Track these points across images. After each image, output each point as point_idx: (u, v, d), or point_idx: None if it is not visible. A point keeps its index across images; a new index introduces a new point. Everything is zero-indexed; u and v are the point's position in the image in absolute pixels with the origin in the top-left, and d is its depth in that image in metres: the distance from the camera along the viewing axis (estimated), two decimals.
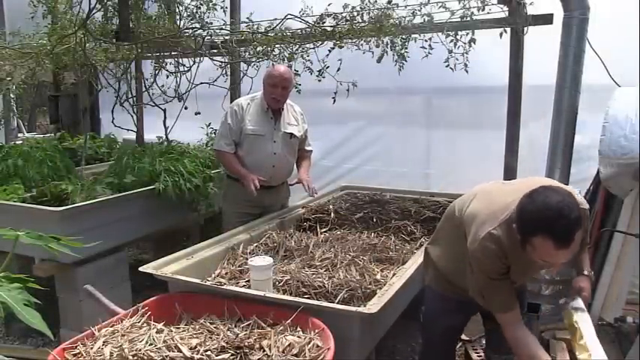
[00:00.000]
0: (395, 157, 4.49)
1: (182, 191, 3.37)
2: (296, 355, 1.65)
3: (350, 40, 3.30)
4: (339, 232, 2.97)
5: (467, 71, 3.04)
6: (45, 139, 4.62)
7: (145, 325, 1.85)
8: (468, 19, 2.99)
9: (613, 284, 3.10)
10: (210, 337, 1.77)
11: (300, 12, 3.34)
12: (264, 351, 1.67)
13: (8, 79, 4.39)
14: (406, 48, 3.24)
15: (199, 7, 3.73)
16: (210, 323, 1.88)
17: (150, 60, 4.37)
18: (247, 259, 2.39)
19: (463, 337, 2.75)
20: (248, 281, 2.21)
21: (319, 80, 3.43)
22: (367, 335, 1.99)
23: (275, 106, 3.12)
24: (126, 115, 4.33)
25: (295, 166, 3.37)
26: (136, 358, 1.62)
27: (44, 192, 3.13)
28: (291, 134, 3.19)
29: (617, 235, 3.07)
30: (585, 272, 2.14)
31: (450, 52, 3.02)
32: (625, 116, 2.76)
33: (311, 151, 3.44)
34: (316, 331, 1.76)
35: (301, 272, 2.32)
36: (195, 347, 1.68)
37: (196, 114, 4.11)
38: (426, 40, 3.11)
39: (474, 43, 2.99)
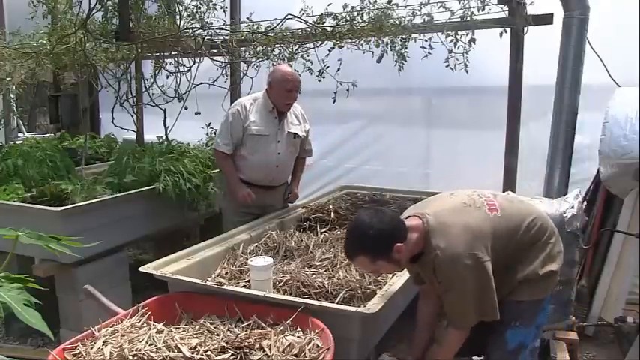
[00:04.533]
0: (395, 157, 4.49)
1: (182, 191, 3.37)
2: (296, 355, 1.65)
3: (350, 40, 3.30)
4: (339, 232, 2.97)
5: (467, 71, 3.04)
6: (45, 139, 4.62)
7: (145, 325, 1.85)
8: (468, 19, 2.99)
9: (613, 284, 3.10)
10: (210, 337, 1.77)
11: (300, 12, 3.34)
12: (264, 351, 1.67)
13: (8, 79, 4.40)
14: (406, 48, 3.24)
15: (199, 7, 3.72)
16: (210, 323, 1.88)
17: (150, 60, 4.37)
18: (247, 259, 2.39)
19: None
20: (248, 281, 2.21)
21: (319, 80, 3.43)
22: (367, 335, 1.99)
23: (286, 109, 3.12)
24: (126, 115, 4.33)
25: (294, 168, 3.36)
26: (136, 358, 1.62)
27: (44, 192, 3.13)
28: (295, 134, 3.19)
29: (617, 235, 3.07)
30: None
31: (450, 52, 3.02)
32: (625, 116, 2.77)
33: (310, 151, 3.42)
34: (316, 331, 1.76)
35: (301, 272, 2.32)
36: (195, 347, 1.68)
37: (196, 114, 4.10)
38: (426, 40, 3.11)
39: (474, 43, 2.99)
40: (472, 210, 1.87)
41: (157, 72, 4.17)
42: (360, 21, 3.25)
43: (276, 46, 3.52)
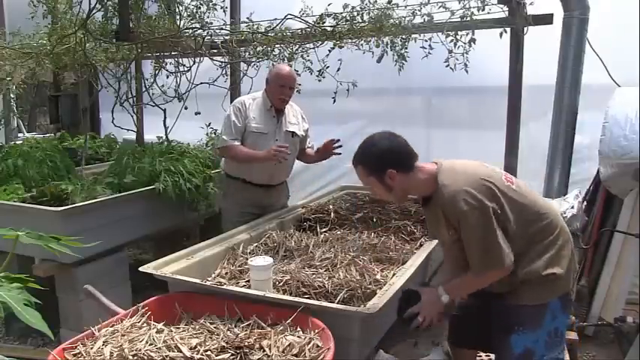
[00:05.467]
0: None
1: (182, 191, 3.37)
2: (296, 355, 1.65)
3: (350, 40, 3.30)
4: (339, 232, 2.97)
5: (467, 71, 3.04)
6: (45, 139, 4.62)
7: (145, 325, 1.85)
8: (468, 19, 2.99)
9: (613, 284, 3.10)
10: (210, 337, 1.77)
11: (300, 12, 3.34)
12: (264, 351, 1.67)
13: (8, 79, 4.39)
14: (406, 48, 3.24)
15: (199, 7, 3.72)
16: (210, 323, 1.88)
17: (150, 60, 4.37)
18: (247, 259, 2.39)
19: None
20: (248, 281, 2.21)
21: (319, 80, 3.43)
22: (367, 335, 1.99)
23: (281, 105, 3.12)
24: (126, 115, 4.33)
25: (309, 159, 3.39)
26: (136, 358, 1.62)
27: (44, 192, 3.13)
28: (293, 133, 3.19)
29: (617, 235, 3.07)
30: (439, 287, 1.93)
31: (450, 52, 3.02)
32: (625, 116, 2.77)
33: (312, 148, 3.42)
34: (316, 331, 1.76)
35: (301, 272, 2.31)
36: (195, 347, 1.68)
37: (196, 114, 4.10)
38: (426, 40, 3.11)
39: (474, 43, 2.99)
40: (486, 168, 1.89)
41: (157, 72, 4.17)
42: (360, 21, 3.25)
43: (276, 46, 3.52)
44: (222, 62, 3.81)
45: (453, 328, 2.24)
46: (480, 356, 2.54)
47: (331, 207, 3.24)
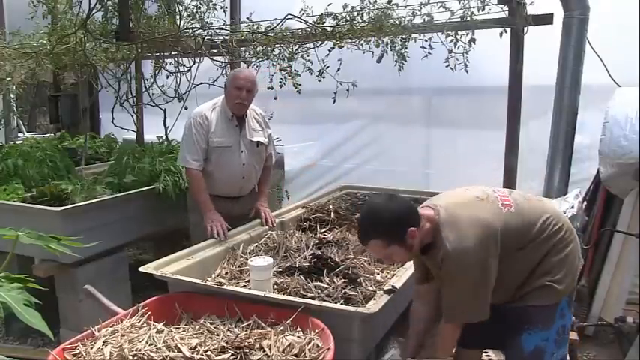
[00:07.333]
0: (395, 157, 4.49)
1: (182, 191, 3.37)
2: (296, 355, 1.65)
3: (350, 40, 3.30)
4: (339, 232, 2.97)
5: (467, 71, 3.03)
6: (45, 139, 4.63)
7: (145, 325, 1.85)
8: (468, 19, 2.98)
9: (613, 284, 3.10)
10: (210, 337, 1.77)
11: (300, 12, 3.34)
12: (264, 351, 1.67)
13: (8, 79, 4.40)
14: (406, 48, 3.24)
15: (199, 7, 3.72)
16: (210, 323, 1.89)
17: (150, 60, 4.37)
18: (247, 259, 2.39)
19: None
20: (248, 281, 2.21)
21: (319, 80, 3.43)
22: (367, 335, 1.99)
23: (239, 111, 2.94)
24: (126, 115, 4.33)
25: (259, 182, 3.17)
26: (136, 358, 1.62)
27: (44, 192, 3.13)
28: (258, 142, 3.03)
29: (617, 235, 3.07)
30: None
31: (450, 52, 3.02)
32: (625, 116, 2.77)
33: (271, 155, 3.20)
34: (316, 331, 1.76)
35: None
36: (195, 347, 1.69)
37: None
38: (426, 40, 3.11)
39: (474, 43, 2.99)
40: (484, 204, 1.84)
41: (157, 72, 4.17)
42: (360, 21, 3.24)
43: (276, 46, 3.52)
44: (222, 62, 3.81)
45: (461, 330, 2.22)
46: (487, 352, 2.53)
47: (331, 207, 3.24)
